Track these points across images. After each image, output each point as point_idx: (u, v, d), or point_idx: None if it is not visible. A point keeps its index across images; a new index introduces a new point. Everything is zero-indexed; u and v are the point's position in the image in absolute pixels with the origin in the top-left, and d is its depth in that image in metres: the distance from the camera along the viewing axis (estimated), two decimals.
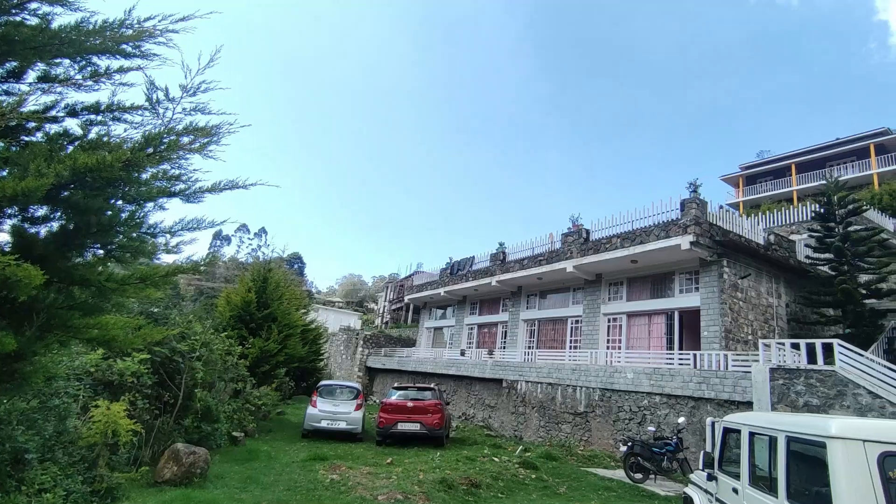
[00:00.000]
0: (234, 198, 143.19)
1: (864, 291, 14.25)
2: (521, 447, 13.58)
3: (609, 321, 18.01)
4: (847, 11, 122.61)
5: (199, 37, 3.19)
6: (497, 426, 18.75)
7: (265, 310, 16.77)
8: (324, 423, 13.42)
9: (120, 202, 2.94)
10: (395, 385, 15.20)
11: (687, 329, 16.17)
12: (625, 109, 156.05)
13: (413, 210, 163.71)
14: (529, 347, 21.06)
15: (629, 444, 11.16)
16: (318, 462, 10.12)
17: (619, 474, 11.24)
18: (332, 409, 13.67)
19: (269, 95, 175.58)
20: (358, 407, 14.01)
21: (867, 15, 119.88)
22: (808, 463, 3.58)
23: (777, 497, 3.82)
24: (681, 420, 11.90)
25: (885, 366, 9.54)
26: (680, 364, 13.81)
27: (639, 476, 10.78)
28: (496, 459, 11.46)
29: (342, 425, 13.53)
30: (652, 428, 12.36)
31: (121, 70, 2.83)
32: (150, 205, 2.99)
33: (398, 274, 53.04)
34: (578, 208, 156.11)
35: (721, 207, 16.65)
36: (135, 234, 2.99)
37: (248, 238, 72.71)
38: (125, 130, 2.92)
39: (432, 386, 15.22)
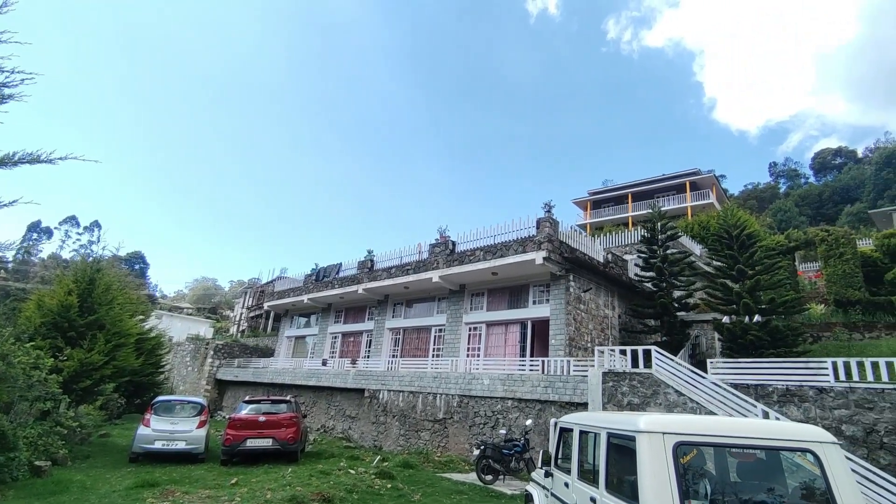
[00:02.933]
0: (64, 189, 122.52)
1: (676, 305, 16.78)
2: (378, 457, 13.44)
3: (470, 330, 18.78)
4: (674, 70, 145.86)
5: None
6: (357, 437, 18.37)
7: (90, 315, 14.35)
8: (158, 445, 11.91)
9: None
10: (247, 398, 14.10)
11: (538, 337, 17.51)
12: (493, 132, 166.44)
13: (280, 214, 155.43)
14: (394, 356, 21.08)
15: (481, 447, 11.66)
16: (146, 489, 8.90)
17: (472, 477, 11.67)
18: (170, 428, 12.20)
19: (115, 77, 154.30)
20: (201, 424, 12.70)
21: (688, 76, 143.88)
22: (624, 455, 4.02)
23: (598, 487, 4.25)
24: (528, 422, 12.80)
25: (689, 368, 11.27)
26: (531, 370, 14.87)
27: (489, 477, 11.30)
28: (352, 471, 11.18)
29: (181, 445, 12.14)
30: (503, 431, 13.08)
31: None
32: None
33: (259, 279, 49.69)
34: (447, 221, 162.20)
35: (572, 228, 18.43)
36: None
37: (77, 232, 62.75)
38: None
39: (288, 398, 14.39)
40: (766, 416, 9.37)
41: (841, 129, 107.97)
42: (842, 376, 9.70)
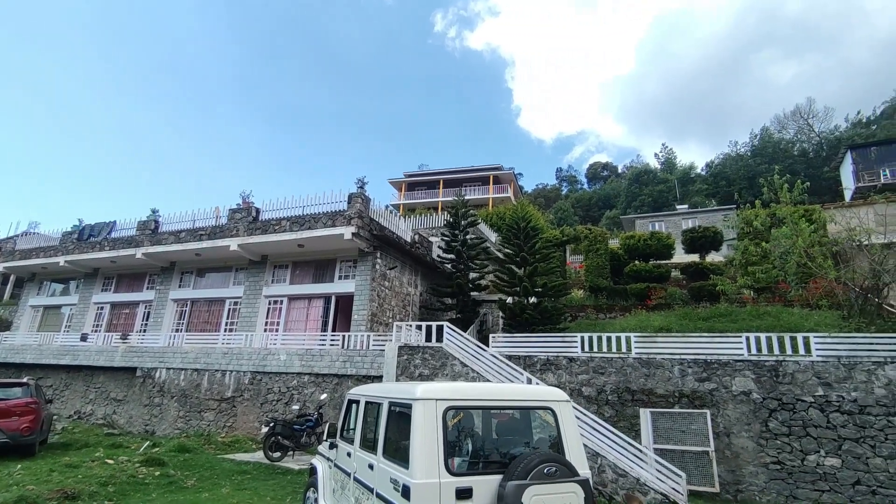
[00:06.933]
0: None
1: (471, 286, 18.43)
2: (148, 443, 11.91)
3: (270, 303, 17.79)
4: (489, 74, 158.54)
5: None
6: (123, 422, 16.00)
7: None
8: None
9: None
10: None
11: (342, 313, 17.47)
12: (316, 103, 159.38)
13: (38, 156, 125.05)
14: (178, 330, 18.81)
15: (271, 424, 11.23)
16: None
17: (259, 456, 11.18)
18: None
19: None
20: None
21: (501, 82, 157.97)
22: (402, 421, 4.24)
23: (376, 454, 4.42)
24: (323, 397, 12.74)
25: (475, 343, 12.52)
26: (331, 345, 14.78)
27: (277, 455, 10.95)
28: (111, 461, 9.69)
29: None
30: (297, 406, 12.78)
31: None
32: None
33: None
34: (259, 188, 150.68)
35: (386, 207, 18.72)
36: None
37: None
38: None
39: (26, 380, 11.72)
40: (529, 381, 10.96)
41: (610, 148, 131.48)
42: (586, 348, 11.88)
